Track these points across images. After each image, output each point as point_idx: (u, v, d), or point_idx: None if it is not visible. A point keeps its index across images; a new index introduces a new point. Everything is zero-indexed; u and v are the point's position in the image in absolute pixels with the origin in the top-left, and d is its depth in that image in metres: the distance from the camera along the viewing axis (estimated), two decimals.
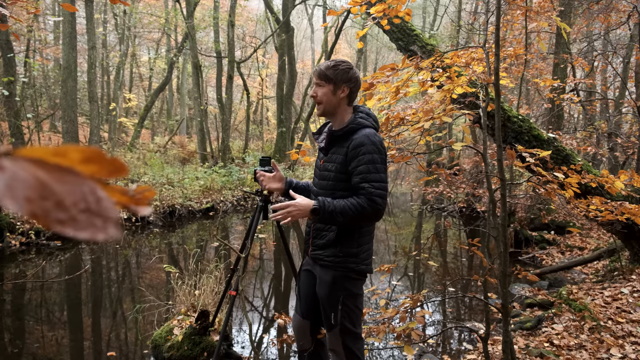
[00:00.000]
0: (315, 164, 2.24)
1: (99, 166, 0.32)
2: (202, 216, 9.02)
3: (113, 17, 17.73)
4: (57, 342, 3.80)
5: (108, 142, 14.91)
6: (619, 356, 2.98)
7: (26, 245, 6.43)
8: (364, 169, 1.94)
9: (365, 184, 1.93)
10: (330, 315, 2.11)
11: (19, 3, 2.65)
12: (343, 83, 2.04)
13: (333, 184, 2.04)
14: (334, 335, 2.13)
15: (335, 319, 2.09)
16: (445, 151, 16.21)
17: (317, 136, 2.23)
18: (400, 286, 5.41)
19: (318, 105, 2.08)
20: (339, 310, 2.09)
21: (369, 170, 1.94)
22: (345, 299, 2.09)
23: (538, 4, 6.98)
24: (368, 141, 1.96)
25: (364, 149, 1.95)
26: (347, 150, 1.99)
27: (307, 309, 2.29)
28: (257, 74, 22.11)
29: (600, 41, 10.79)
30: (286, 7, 14.12)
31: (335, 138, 2.07)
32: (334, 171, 2.04)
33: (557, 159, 4.19)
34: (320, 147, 2.19)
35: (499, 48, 2.33)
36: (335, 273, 2.07)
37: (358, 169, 1.95)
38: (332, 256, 2.07)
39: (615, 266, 4.92)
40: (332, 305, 2.09)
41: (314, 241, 2.14)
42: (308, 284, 2.26)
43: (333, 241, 2.05)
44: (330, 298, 2.09)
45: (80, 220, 0.29)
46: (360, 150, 1.96)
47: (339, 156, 2.03)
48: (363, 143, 1.96)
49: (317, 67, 2.10)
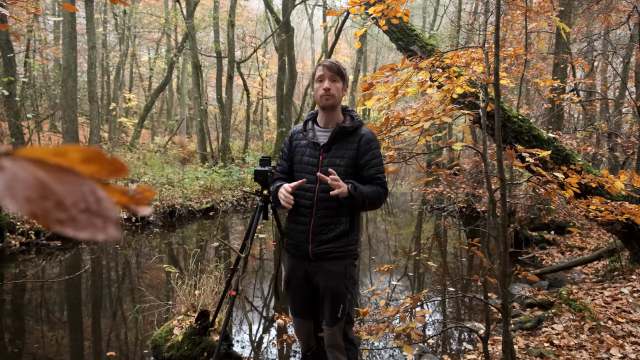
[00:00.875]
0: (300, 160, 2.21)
1: (99, 166, 0.32)
2: (202, 216, 9.02)
3: (113, 17, 17.72)
4: (57, 342, 3.80)
5: (108, 142, 14.91)
6: (619, 356, 2.98)
7: (26, 245, 6.43)
8: (378, 162, 2.15)
9: (380, 174, 2.14)
10: (339, 309, 2.14)
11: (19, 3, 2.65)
12: (346, 84, 2.19)
13: (343, 177, 2.08)
14: (338, 329, 2.15)
15: (343, 311, 2.15)
16: (445, 151, 16.21)
17: (306, 133, 2.22)
18: (400, 286, 5.41)
19: (329, 97, 2.11)
20: (347, 300, 2.15)
21: (381, 162, 2.16)
22: (351, 287, 2.18)
23: (538, 4, 6.98)
24: (374, 137, 2.19)
25: (375, 144, 2.17)
26: (359, 145, 2.13)
27: (308, 310, 2.30)
28: (257, 74, 22.11)
29: (600, 41, 10.79)
30: (286, 7, 14.12)
31: (344, 134, 2.15)
32: (344, 165, 2.11)
33: (557, 159, 4.19)
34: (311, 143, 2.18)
35: (499, 48, 2.33)
36: (346, 262, 2.15)
37: (373, 161, 2.13)
38: (345, 245, 2.14)
39: (615, 266, 4.92)
40: (342, 295, 2.14)
41: (317, 238, 2.14)
42: (304, 286, 2.26)
43: (347, 231, 2.13)
44: (340, 288, 2.14)
45: (80, 220, 0.30)
46: (372, 145, 2.15)
47: (348, 151, 2.12)
48: (373, 139, 2.17)
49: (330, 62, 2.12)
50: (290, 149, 2.26)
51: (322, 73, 2.10)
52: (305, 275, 2.23)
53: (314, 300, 2.26)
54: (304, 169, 2.17)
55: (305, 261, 2.21)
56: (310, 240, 2.15)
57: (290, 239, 2.24)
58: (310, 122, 2.25)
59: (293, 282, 2.30)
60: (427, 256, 6.73)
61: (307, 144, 2.19)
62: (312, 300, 2.27)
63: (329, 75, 2.09)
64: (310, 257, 2.17)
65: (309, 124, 2.25)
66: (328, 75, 2.09)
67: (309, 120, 2.26)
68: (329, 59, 2.25)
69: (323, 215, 2.11)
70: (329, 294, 2.14)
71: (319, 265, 2.16)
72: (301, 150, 2.20)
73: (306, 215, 2.15)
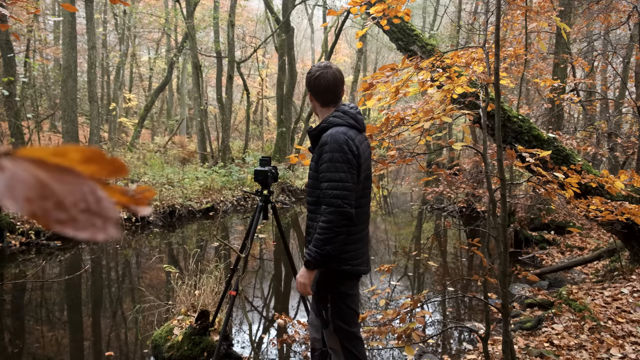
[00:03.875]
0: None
1: (99, 166, 0.32)
2: (202, 216, 9.02)
3: (113, 17, 17.72)
4: (57, 342, 3.80)
5: (108, 142, 14.91)
6: (619, 356, 2.98)
7: (26, 245, 6.43)
8: (324, 167, 1.96)
9: (324, 183, 1.95)
10: (322, 312, 2.13)
11: (19, 3, 2.65)
12: (309, 90, 2.15)
13: (312, 182, 2.08)
14: (329, 333, 2.15)
15: (327, 316, 2.12)
16: (445, 151, 16.21)
17: None
18: (400, 286, 5.41)
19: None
20: (328, 308, 2.12)
21: (329, 169, 1.95)
22: (335, 298, 2.11)
23: (538, 4, 6.98)
24: (331, 139, 1.97)
25: (327, 147, 1.97)
26: (320, 151, 2.03)
27: None
28: (257, 74, 22.11)
29: (600, 41, 10.79)
30: (286, 7, 14.12)
31: (312, 138, 2.12)
32: (312, 170, 2.09)
33: (557, 159, 4.19)
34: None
35: (499, 48, 2.33)
36: (321, 271, 2.09)
37: (321, 167, 1.98)
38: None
39: (615, 266, 4.92)
40: (322, 302, 2.13)
41: (307, 237, 2.17)
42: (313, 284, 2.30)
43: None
44: (318, 295, 2.13)
45: (80, 220, 0.30)
46: (323, 149, 1.99)
47: (314, 155, 2.08)
48: (326, 142, 1.98)
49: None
50: None
51: None
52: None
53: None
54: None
55: None
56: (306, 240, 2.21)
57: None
58: None
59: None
60: (427, 256, 6.73)
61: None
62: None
63: None
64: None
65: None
66: None
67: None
68: (328, 59, 2.27)
69: (308, 218, 2.15)
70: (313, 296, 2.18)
71: None
72: None
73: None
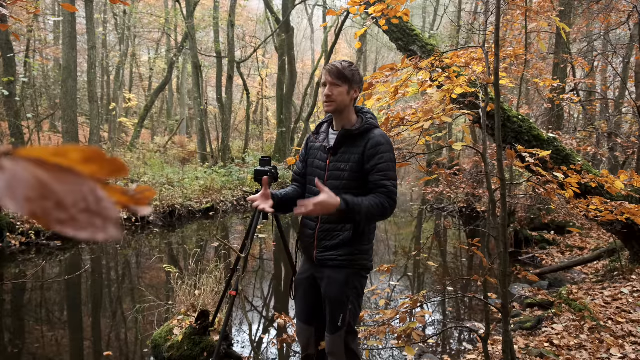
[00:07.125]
0: (312, 164, 2.20)
1: (99, 166, 0.32)
2: (202, 216, 9.02)
3: (113, 17, 17.73)
4: (57, 342, 3.80)
5: (108, 142, 14.91)
6: (619, 356, 2.98)
7: (26, 245, 6.43)
8: (385, 166, 1.99)
9: (387, 181, 1.98)
10: (339, 317, 2.09)
11: (19, 3, 2.65)
12: (356, 85, 2.08)
13: (347, 182, 2.03)
14: (339, 338, 2.12)
15: (344, 321, 2.09)
16: (445, 151, 16.21)
17: (317, 136, 2.22)
18: (400, 286, 5.41)
19: (330, 103, 2.06)
20: (348, 311, 2.10)
21: (390, 168, 2.00)
22: (354, 298, 2.12)
23: (538, 4, 6.98)
24: (385, 140, 2.04)
25: (384, 147, 2.02)
26: (365, 149, 2.02)
27: (311, 316, 2.28)
28: (257, 74, 22.12)
29: (600, 41, 10.79)
30: (286, 7, 14.12)
31: (350, 137, 2.07)
32: (348, 170, 2.04)
33: (557, 159, 4.19)
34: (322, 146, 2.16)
35: (499, 48, 2.33)
36: (349, 271, 2.07)
37: (379, 166, 2.00)
38: (348, 254, 2.07)
39: (615, 266, 4.92)
40: (342, 305, 2.09)
41: (321, 243, 2.11)
42: (309, 290, 2.24)
43: (350, 240, 2.05)
44: (341, 298, 2.09)
45: (80, 220, 0.30)
46: (380, 149, 2.01)
47: (354, 155, 2.04)
48: (382, 142, 2.02)
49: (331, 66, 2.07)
50: (307, 150, 2.26)
51: (324, 79, 2.08)
52: (311, 278, 2.22)
53: (317, 307, 2.25)
54: (314, 172, 2.17)
55: (312, 265, 2.20)
56: (315, 245, 2.14)
57: (301, 241, 2.24)
58: (325, 125, 2.23)
59: (299, 284, 2.30)
60: (427, 256, 6.73)
61: (319, 147, 2.18)
62: (316, 307, 2.25)
63: (329, 81, 2.05)
64: (314, 262, 2.16)
65: (324, 126, 2.23)
66: (329, 81, 2.05)
67: (325, 123, 2.24)
68: (328, 59, 2.23)
69: (327, 221, 2.09)
70: (329, 301, 2.12)
71: (322, 271, 2.15)
72: (314, 153, 2.20)
73: (313, 219, 2.13)
